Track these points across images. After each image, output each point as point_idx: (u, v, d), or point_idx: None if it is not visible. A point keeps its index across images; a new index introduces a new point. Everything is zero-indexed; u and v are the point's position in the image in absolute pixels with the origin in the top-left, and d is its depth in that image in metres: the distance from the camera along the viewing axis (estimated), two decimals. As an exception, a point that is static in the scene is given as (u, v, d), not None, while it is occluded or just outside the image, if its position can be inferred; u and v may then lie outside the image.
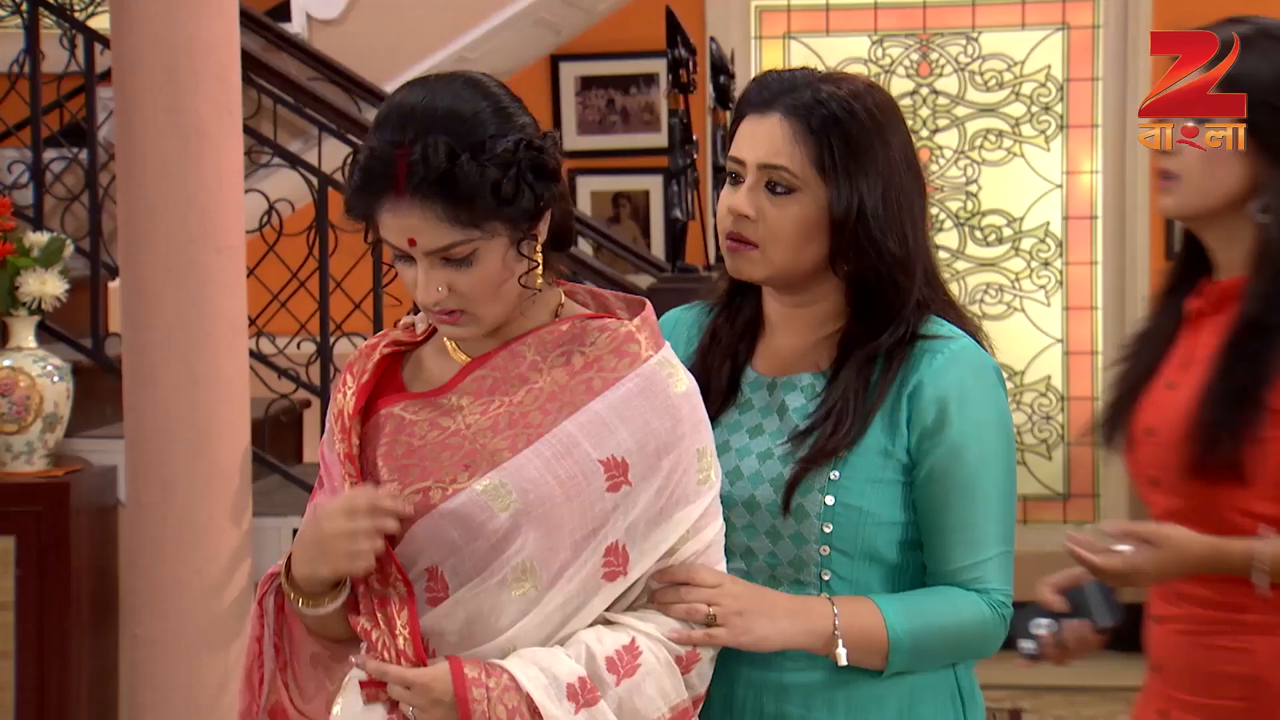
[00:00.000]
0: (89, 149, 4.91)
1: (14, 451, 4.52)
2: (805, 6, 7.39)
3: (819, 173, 2.22)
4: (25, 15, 5.06)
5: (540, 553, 2.06)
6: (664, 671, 2.10)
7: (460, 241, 2.03)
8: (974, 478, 2.21)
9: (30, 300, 4.50)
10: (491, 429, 2.10)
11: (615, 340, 2.14)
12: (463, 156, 2.01)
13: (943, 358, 2.22)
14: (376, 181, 2.03)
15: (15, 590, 4.47)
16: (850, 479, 2.20)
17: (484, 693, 2.02)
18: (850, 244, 2.22)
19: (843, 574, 2.22)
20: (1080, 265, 7.32)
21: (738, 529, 2.26)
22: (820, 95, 2.24)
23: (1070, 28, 7.30)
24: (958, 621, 2.22)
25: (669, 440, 2.11)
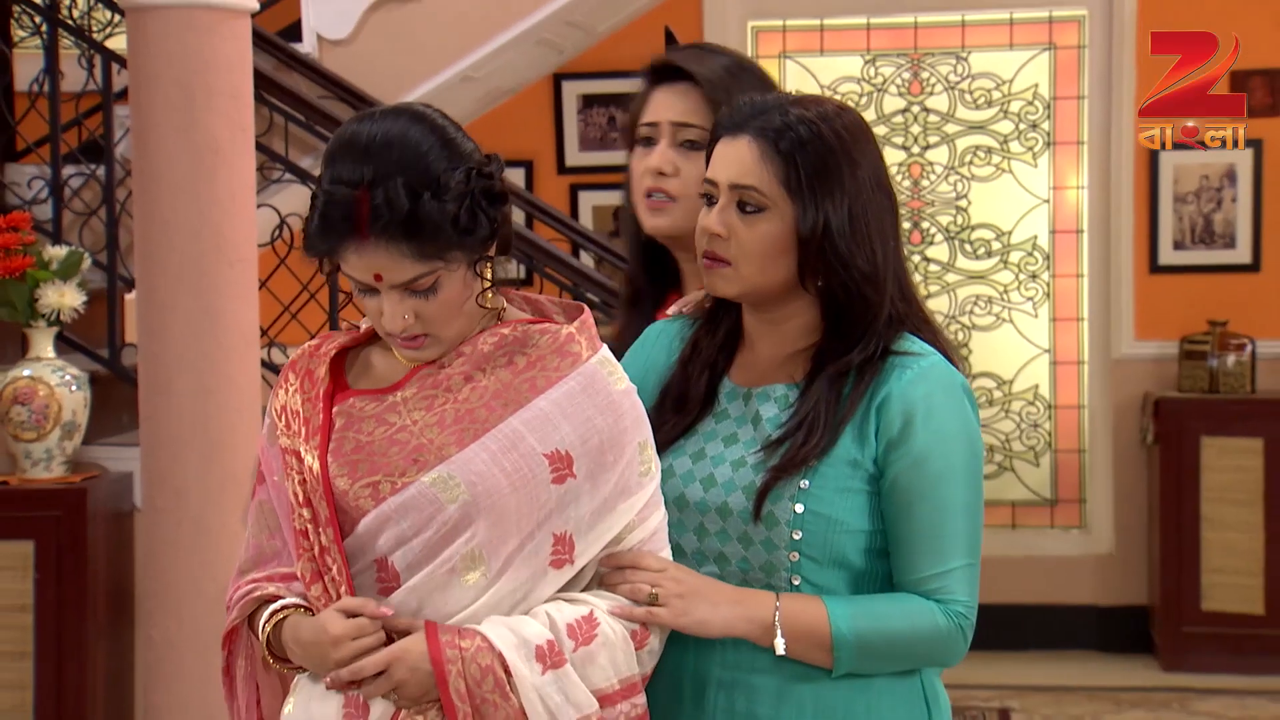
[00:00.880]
0: (106, 165, 4.91)
1: (33, 458, 4.52)
2: (800, 27, 7.39)
3: (787, 192, 2.23)
4: (45, 36, 5.06)
5: (489, 542, 2.09)
6: (619, 644, 2.13)
7: (425, 274, 2.07)
8: (936, 489, 2.21)
9: (49, 311, 4.50)
10: (438, 425, 2.13)
11: (557, 342, 2.18)
12: (424, 196, 2.05)
13: (911, 373, 2.22)
14: (339, 225, 2.06)
15: (34, 593, 4.47)
16: (819, 488, 2.21)
17: (458, 653, 2.06)
18: (817, 260, 2.23)
19: (812, 580, 2.22)
20: (1067, 278, 7.32)
21: (711, 534, 2.27)
22: (788, 118, 2.25)
23: (1056, 48, 7.30)
24: (909, 627, 2.21)
25: (611, 435, 2.15)
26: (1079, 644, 7.00)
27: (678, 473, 2.31)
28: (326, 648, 2.08)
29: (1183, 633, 6.73)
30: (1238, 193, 7.07)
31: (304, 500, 2.14)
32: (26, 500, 4.50)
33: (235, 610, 2.22)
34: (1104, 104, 7.17)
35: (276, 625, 2.16)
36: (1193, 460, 6.71)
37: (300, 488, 2.14)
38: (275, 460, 2.19)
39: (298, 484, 2.14)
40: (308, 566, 2.13)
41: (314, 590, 2.13)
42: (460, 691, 2.05)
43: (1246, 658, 6.63)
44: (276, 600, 2.18)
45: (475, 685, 2.05)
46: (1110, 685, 6.56)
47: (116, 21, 5.20)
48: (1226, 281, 7.06)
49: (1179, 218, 7.12)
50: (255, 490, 2.25)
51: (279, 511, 2.20)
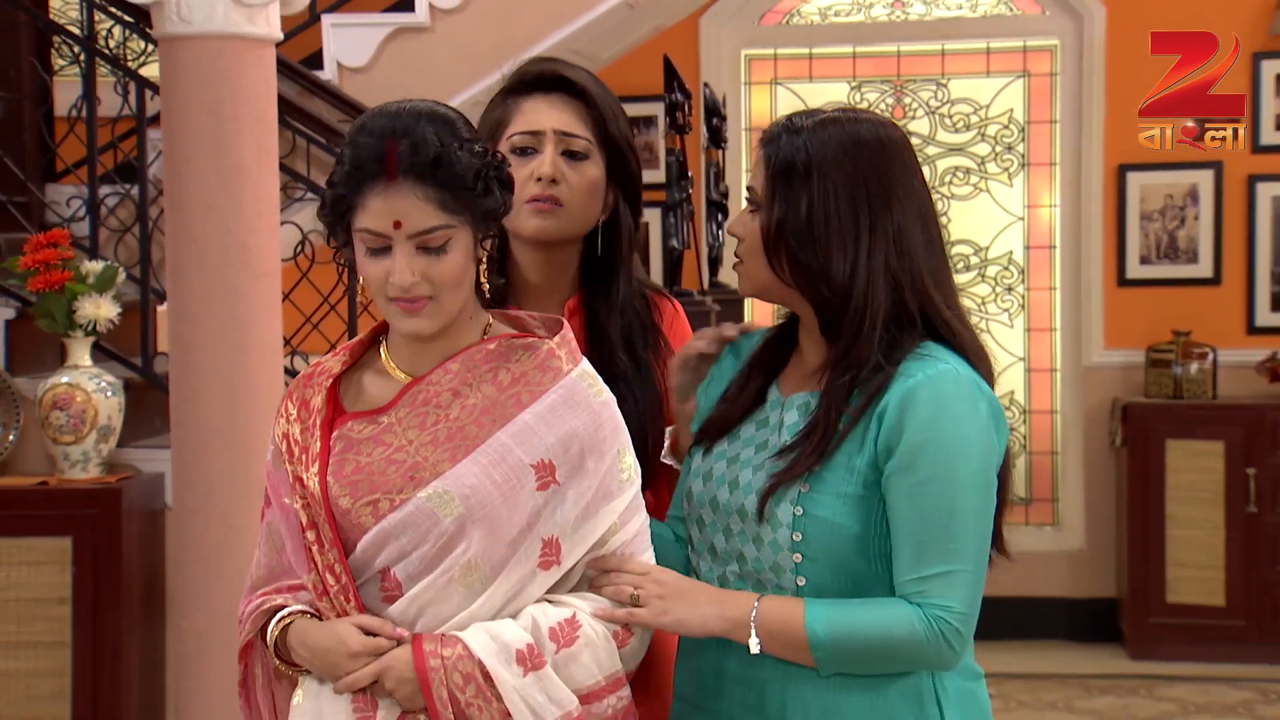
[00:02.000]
0: (140, 185, 4.91)
1: (71, 460, 4.53)
2: (790, 55, 7.40)
3: (766, 192, 2.23)
4: (83, 65, 5.07)
5: (483, 550, 2.09)
6: (602, 644, 2.13)
7: (441, 226, 2.07)
8: (925, 497, 2.13)
9: (86, 322, 4.50)
10: (432, 443, 2.12)
11: (539, 357, 2.17)
12: (451, 144, 2.06)
13: (914, 381, 2.15)
14: (367, 169, 2.06)
15: (72, 586, 4.46)
16: (819, 492, 2.17)
17: (440, 662, 2.06)
18: (772, 255, 2.22)
19: (815, 581, 2.18)
20: (1040, 290, 7.33)
21: (734, 534, 2.24)
22: (790, 124, 2.24)
23: (1030, 75, 7.31)
24: (884, 632, 2.13)
25: (591, 443, 2.14)
26: (1052, 634, 7.00)
27: (714, 475, 2.29)
28: (342, 659, 2.08)
29: (1149, 623, 6.74)
30: (1200, 211, 7.08)
31: (309, 523, 2.14)
32: (65, 499, 4.50)
33: (248, 624, 2.21)
34: (1075, 127, 7.18)
35: (284, 629, 2.16)
36: (1158, 462, 6.71)
37: (305, 511, 2.14)
38: (282, 484, 2.19)
39: (301, 508, 2.15)
40: (317, 581, 2.14)
41: (323, 604, 2.14)
42: (443, 698, 2.05)
43: (1208, 646, 6.63)
44: (284, 609, 2.18)
45: (458, 691, 2.05)
46: (1081, 673, 6.55)
47: (150, 51, 5.21)
48: (1189, 294, 7.07)
49: (1145, 234, 7.13)
50: (264, 512, 2.25)
51: (286, 530, 2.19)
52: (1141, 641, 6.74)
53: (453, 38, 5.75)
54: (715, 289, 5.66)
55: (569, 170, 2.48)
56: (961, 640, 2.14)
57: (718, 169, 5.95)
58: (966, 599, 2.14)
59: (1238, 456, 6.64)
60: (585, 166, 2.50)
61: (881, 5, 7.40)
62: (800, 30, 7.41)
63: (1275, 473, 6.63)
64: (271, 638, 2.17)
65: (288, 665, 2.18)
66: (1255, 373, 6.85)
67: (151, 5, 4.24)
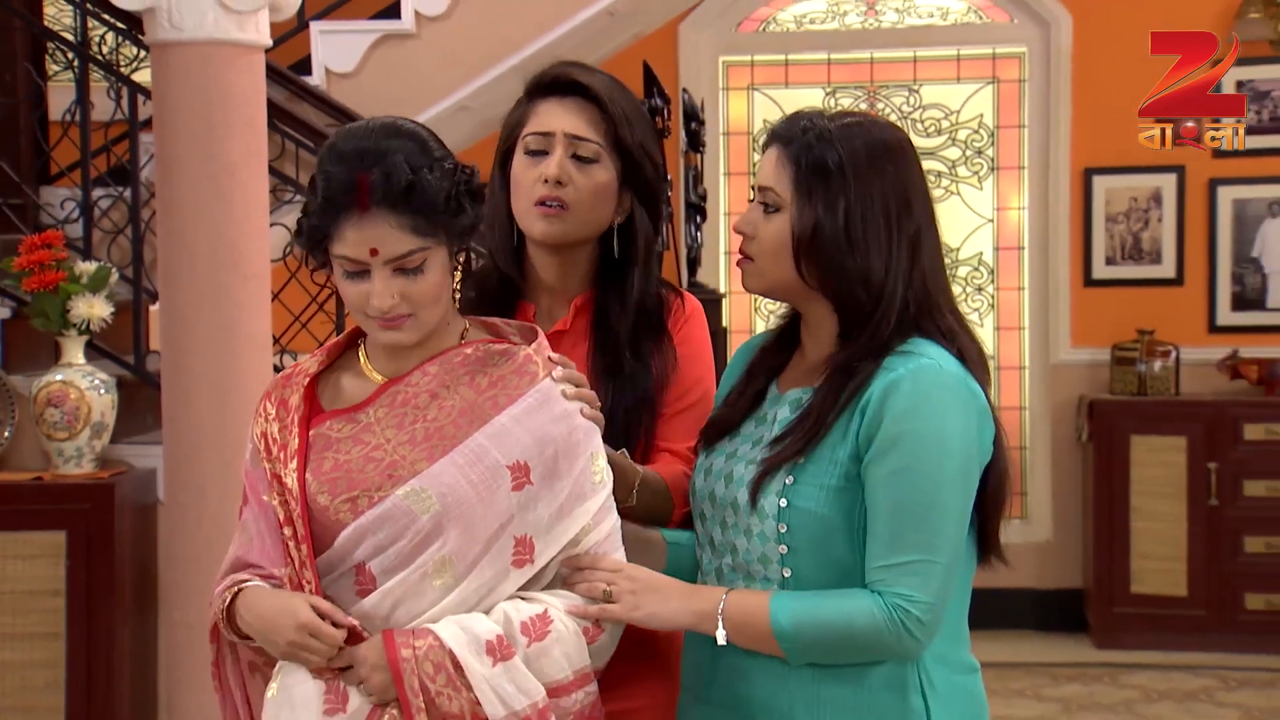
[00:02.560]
0: (132, 188, 4.90)
1: (65, 455, 4.52)
2: (767, 62, 7.40)
3: (796, 191, 2.20)
4: (76, 70, 5.05)
5: (458, 548, 2.09)
6: (572, 640, 2.14)
7: (417, 249, 2.06)
8: (899, 486, 2.10)
9: (80, 321, 4.49)
10: (410, 442, 2.12)
11: (516, 362, 2.17)
12: (422, 170, 2.05)
13: (895, 374, 2.13)
14: (341, 200, 2.05)
15: (66, 579, 4.46)
16: (803, 484, 2.16)
17: (411, 653, 2.06)
18: (809, 259, 2.19)
19: (801, 571, 2.16)
20: (1009, 290, 7.33)
21: (728, 527, 2.24)
22: (812, 126, 2.21)
23: (999, 81, 7.32)
24: (845, 620, 2.11)
25: (565, 445, 2.14)
26: (1020, 624, 7.00)
27: (713, 470, 2.28)
28: (288, 628, 2.07)
29: (1114, 613, 6.75)
30: (1163, 213, 7.09)
31: (285, 519, 2.14)
32: (59, 494, 4.49)
33: (215, 602, 2.20)
34: (1043, 132, 7.19)
35: (235, 596, 2.15)
36: (1123, 457, 6.73)
37: (282, 508, 2.14)
38: (260, 481, 2.19)
39: (279, 504, 2.14)
40: (293, 574, 2.13)
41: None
42: (414, 688, 2.05)
43: (1171, 635, 6.65)
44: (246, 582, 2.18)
45: (429, 680, 2.05)
46: (1048, 661, 6.57)
47: (142, 57, 5.19)
48: (1153, 294, 7.08)
49: (1110, 236, 7.14)
50: (241, 510, 2.25)
51: (265, 526, 2.18)
52: (1106, 631, 6.76)
53: (438, 44, 5.74)
54: (693, 288, 5.65)
55: (576, 173, 2.44)
56: (924, 630, 2.11)
57: (696, 172, 5.95)
58: (933, 589, 2.11)
59: (1199, 451, 6.66)
60: (594, 170, 2.45)
61: (855, 13, 7.41)
62: (776, 37, 7.41)
63: (1236, 467, 6.65)
64: (223, 604, 2.16)
65: (238, 635, 2.17)
66: (1216, 370, 6.87)
67: (144, 12, 4.23)
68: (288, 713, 2.12)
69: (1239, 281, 7.07)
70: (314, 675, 2.11)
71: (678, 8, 6.82)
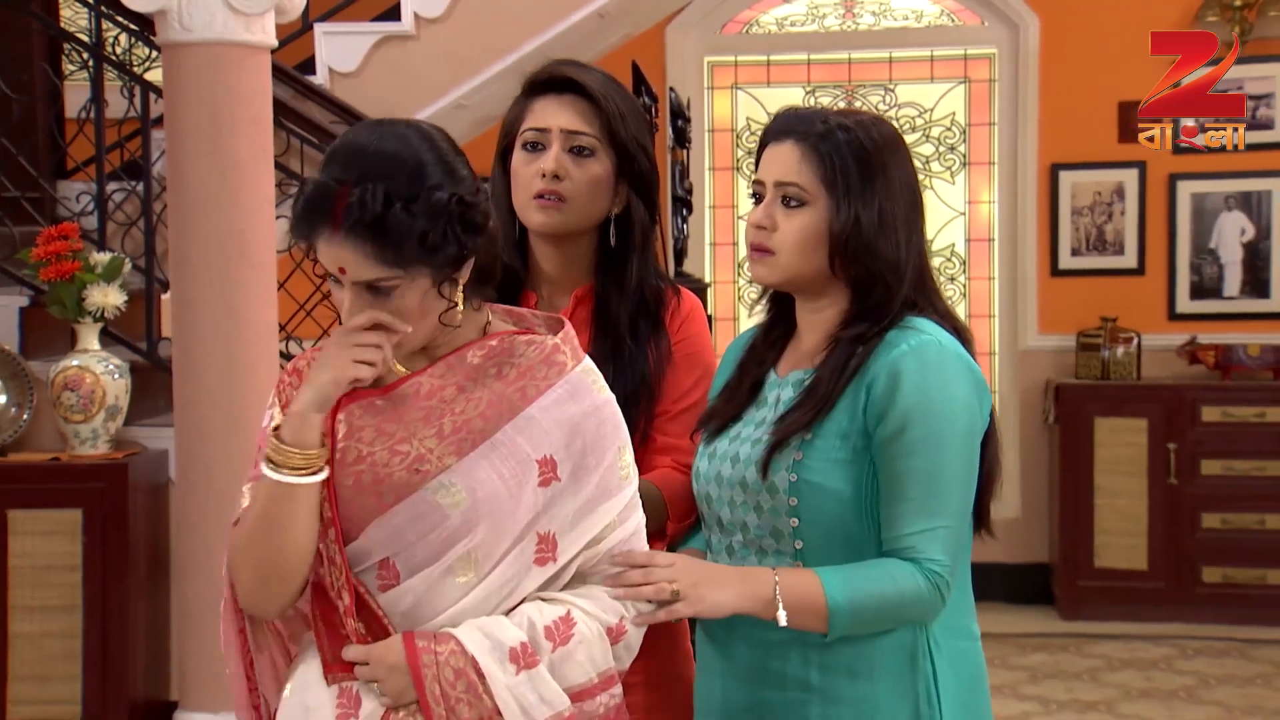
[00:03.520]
0: (145, 182, 4.89)
1: (81, 437, 4.51)
2: (750, 62, 7.39)
3: (826, 187, 2.18)
4: (91, 70, 5.04)
5: (485, 544, 1.97)
6: (595, 641, 2.02)
7: (385, 278, 1.92)
8: (914, 459, 2.10)
9: (95, 310, 4.48)
10: (437, 436, 1.98)
11: (544, 352, 2.04)
12: (396, 206, 1.89)
13: (899, 351, 2.12)
14: (317, 214, 1.91)
15: (82, 555, 4.45)
16: (812, 458, 2.13)
17: (433, 658, 1.94)
18: (848, 251, 2.17)
19: (812, 543, 2.14)
20: (980, 280, 7.34)
21: (738, 505, 2.21)
22: (829, 124, 2.20)
23: (971, 81, 7.31)
24: (896, 590, 2.09)
25: (593, 439, 2.03)
26: (989, 597, 6.95)
27: (717, 453, 2.26)
28: (327, 357, 1.94)
29: (1079, 586, 6.77)
30: (1126, 207, 7.10)
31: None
32: (75, 474, 4.48)
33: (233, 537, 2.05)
34: (1011, 129, 7.19)
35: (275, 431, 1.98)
36: (1087, 438, 6.74)
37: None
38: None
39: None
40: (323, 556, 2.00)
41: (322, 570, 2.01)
42: (435, 694, 1.94)
43: (1132, 607, 6.66)
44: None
45: (449, 687, 1.94)
46: (1016, 632, 6.58)
47: (154, 57, 5.17)
48: (1116, 283, 7.09)
49: (1076, 228, 7.14)
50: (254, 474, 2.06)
51: None
52: (1071, 603, 6.77)
53: (436, 45, 5.73)
54: (680, 278, 5.65)
55: (573, 167, 2.43)
56: (949, 590, 2.13)
57: (682, 167, 5.94)
58: (950, 552, 2.13)
59: (1159, 433, 6.67)
60: (590, 163, 2.44)
61: (834, 16, 7.40)
62: (759, 39, 7.40)
63: (1194, 447, 6.66)
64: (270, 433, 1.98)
65: (290, 469, 1.95)
66: (1176, 356, 6.88)
67: (155, 14, 4.22)
68: (300, 716, 2.00)
69: (1197, 271, 7.08)
70: (327, 680, 1.99)
71: (665, 10, 6.81)
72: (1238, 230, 7.05)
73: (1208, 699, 5.69)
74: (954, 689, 2.18)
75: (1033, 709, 5.56)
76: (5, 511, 4.43)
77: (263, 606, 2.04)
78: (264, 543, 1.98)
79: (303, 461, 1.95)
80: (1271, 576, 6.63)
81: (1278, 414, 6.63)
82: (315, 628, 2.02)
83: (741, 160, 7.41)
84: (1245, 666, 6.10)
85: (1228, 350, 6.78)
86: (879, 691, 2.15)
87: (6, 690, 4.43)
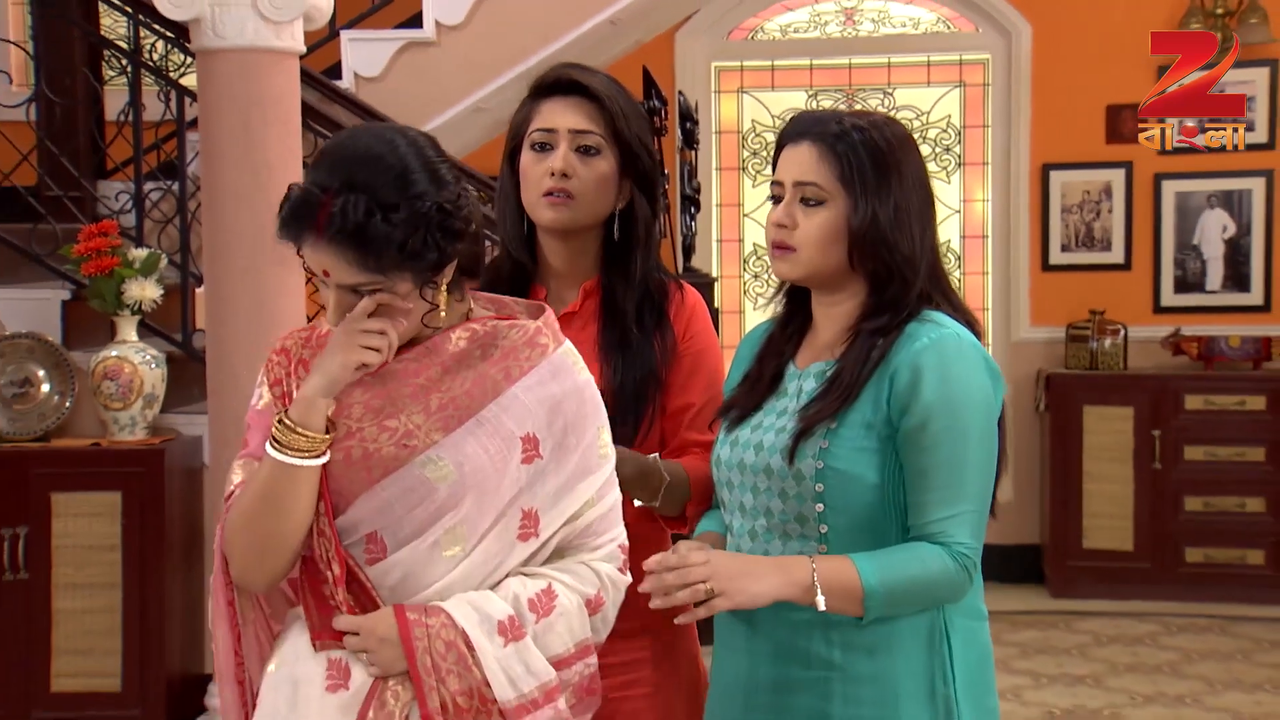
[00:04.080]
0: (180, 182, 4.90)
1: (120, 424, 4.53)
2: (755, 67, 7.39)
3: (843, 186, 2.17)
4: (130, 75, 5.05)
5: (470, 518, 1.95)
6: (575, 613, 2.01)
7: (367, 283, 1.91)
8: (937, 446, 2.10)
9: (133, 303, 4.50)
10: (424, 412, 1.96)
11: (526, 335, 2.03)
12: (376, 216, 1.88)
13: (920, 343, 2.12)
14: (300, 220, 1.90)
15: (121, 535, 4.48)
16: (837, 446, 2.13)
17: (424, 630, 1.93)
18: (866, 246, 2.17)
19: (837, 528, 2.14)
20: (974, 275, 7.34)
21: (761, 491, 2.19)
22: (844, 125, 2.19)
23: (966, 85, 7.31)
24: (925, 573, 2.10)
25: (574, 419, 2.02)
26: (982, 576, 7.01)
27: (740, 441, 2.24)
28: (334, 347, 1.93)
29: (1067, 566, 6.77)
30: (1113, 205, 7.09)
31: None
32: (115, 459, 4.50)
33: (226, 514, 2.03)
34: (1004, 131, 7.18)
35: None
36: (1076, 425, 6.74)
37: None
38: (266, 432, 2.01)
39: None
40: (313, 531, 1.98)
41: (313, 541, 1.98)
42: (426, 666, 1.92)
43: (1119, 586, 6.66)
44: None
45: (440, 659, 1.92)
46: (1008, 610, 6.58)
47: (189, 63, 5.18)
48: (1104, 278, 7.08)
49: (1065, 225, 7.14)
50: (245, 451, 2.06)
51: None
52: (1061, 582, 6.77)
53: (456, 51, 5.73)
54: (688, 273, 5.66)
55: (580, 165, 2.42)
56: (976, 570, 2.14)
57: (690, 167, 5.95)
58: (976, 534, 2.14)
59: (1145, 420, 6.67)
60: (596, 161, 2.43)
61: (835, 23, 7.39)
62: (764, 45, 7.39)
63: (1177, 434, 6.66)
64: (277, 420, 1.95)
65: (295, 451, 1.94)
66: (1161, 347, 6.87)
67: (190, 22, 4.23)
68: (289, 689, 1.97)
69: (1181, 266, 7.07)
70: (317, 648, 1.97)
71: (674, 17, 6.81)
72: (1219, 227, 7.04)
73: (1190, 673, 5.69)
74: (965, 666, 2.19)
75: (1024, 682, 5.57)
76: (49, 494, 4.46)
77: (255, 580, 2.02)
78: (264, 520, 1.96)
79: (308, 444, 1.94)
80: (1251, 557, 6.63)
81: (1257, 402, 6.63)
82: (304, 600, 2.00)
83: (747, 161, 7.41)
84: (1225, 642, 6.10)
85: (1210, 341, 6.78)
86: (898, 669, 2.15)
87: (51, 663, 4.46)
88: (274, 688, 1.99)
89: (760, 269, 7.37)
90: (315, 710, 1.95)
